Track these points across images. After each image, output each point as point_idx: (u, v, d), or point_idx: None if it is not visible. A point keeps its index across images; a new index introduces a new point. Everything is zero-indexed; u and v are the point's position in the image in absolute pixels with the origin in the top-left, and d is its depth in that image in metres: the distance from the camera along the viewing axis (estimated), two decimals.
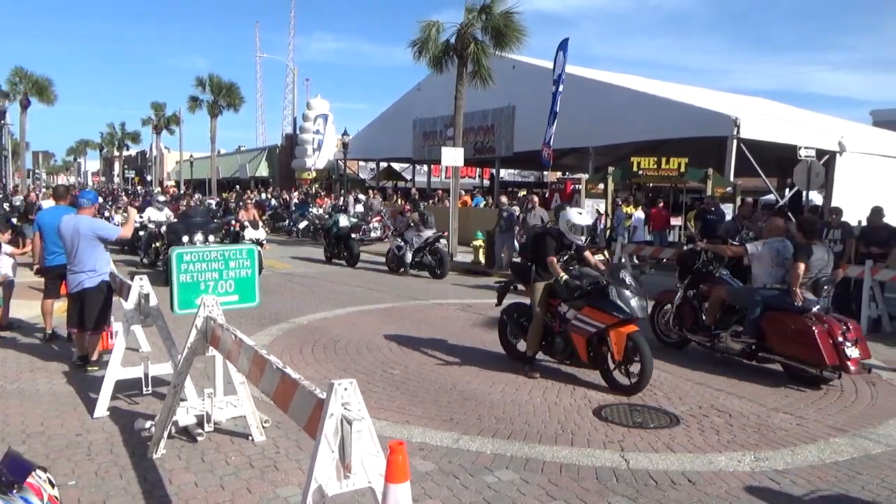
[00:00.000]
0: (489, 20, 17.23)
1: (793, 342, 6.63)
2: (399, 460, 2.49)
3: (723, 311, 7.44)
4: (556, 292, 6.64)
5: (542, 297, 6.69)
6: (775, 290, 6.97)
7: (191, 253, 5.24)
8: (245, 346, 3.74)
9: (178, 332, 5.32)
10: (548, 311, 6.73)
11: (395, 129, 31.66)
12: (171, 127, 53.27)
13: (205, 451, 4.63)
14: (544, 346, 6.81)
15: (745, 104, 25.77)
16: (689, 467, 4.51)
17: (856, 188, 18.17)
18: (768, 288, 7.05)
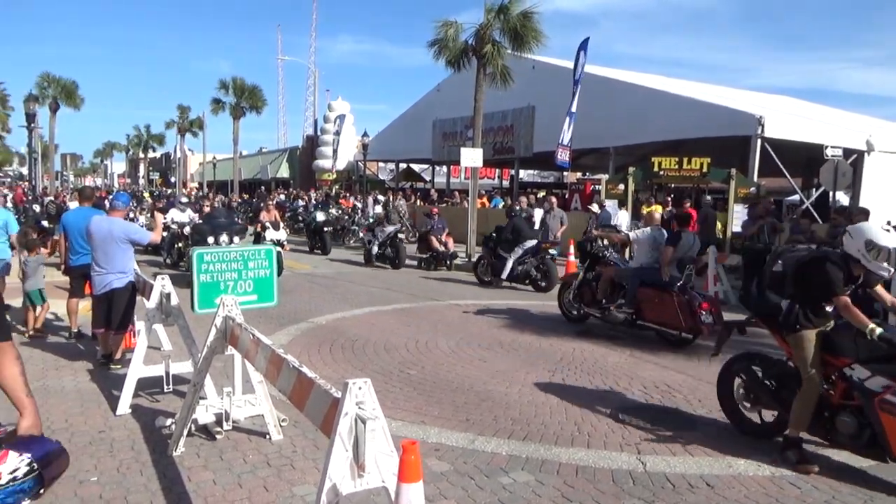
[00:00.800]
0: (507, 21, 17.20)
1: (659, 311, 8.11)
2: (412, 460, 2.49)
3: (612, 288, 8.80)
4: (833, 345, 4.72)
5: (815, 351, 4.68)
6: (650, 269, 8.34)
7: (211, 253, 5.31)
8: (262, 346, 3.78)
9: (198, 332, 5.38)
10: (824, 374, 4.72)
11: (415, 130, 31.74)
12: (194, 129, 53.94)
13: (223, 449, 4.68)
14: (816, 423, 4.70)
15: (770, 103, 25.44)
16: (707, 471, 4.46)
17: (884, 188, 17.85)
18: (645, 267, 8.43)
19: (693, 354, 7.66)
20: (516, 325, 9.17)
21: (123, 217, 6.74)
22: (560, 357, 7.42)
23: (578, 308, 9.35)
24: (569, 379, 6.57)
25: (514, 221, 13.24)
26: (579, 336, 8.51)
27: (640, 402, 5.88)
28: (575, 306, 9.43)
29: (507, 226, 13.20)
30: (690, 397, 6.06)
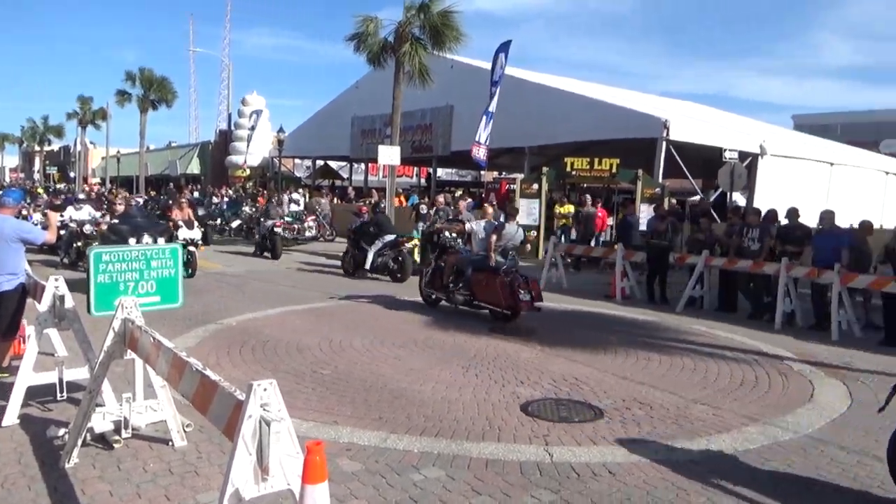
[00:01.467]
0: (427, 19, 17.27)
1: (487, 291, 9.37)
2: (316, 461, 2.47)
3: (456, 273, 9.95)
4: None
5: None
6: (481, 256, 9.64)
7: (110, 252, 5.07)
8: (164, 349, 3.65)
9: (96, 335, 5.13)
10: None
11: (333, 127, 31.35)
12: (97, 122, 51.13)
13: (122, 458, 4.48)
14: None
15: (675, 107, 26.68)
16: (610, 459, 4.65)
17: (777, 190, 19.07)
18: (479, 254, 9.75)
19: (599, 349, 7.95)
20: (431, 323, 9.23)
21: (15, 215, 6.31)
22: (474, 353, 7.53)
23: (431, 293, 10.49)
24: (482, 375, 6.67)
25: (377, 217, 14.74)
26: (492, 333, 8.66)
27: (550, 396, 6.05)
28: (428, 292, 10.55)
29: (370, 221, 14.67)
30: (597, 389, 6.29)
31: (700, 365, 7.29)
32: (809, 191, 19.97)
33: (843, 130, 37.84)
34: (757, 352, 8.05)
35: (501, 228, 9.59)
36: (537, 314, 9.21)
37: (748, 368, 7.22)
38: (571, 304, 11.34)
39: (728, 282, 11.05)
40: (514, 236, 9.80)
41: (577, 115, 20.44)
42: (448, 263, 10.16)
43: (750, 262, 10.27)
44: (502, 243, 9.57)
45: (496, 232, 9.54)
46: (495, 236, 9.49)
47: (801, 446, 4.98)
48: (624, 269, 12.06)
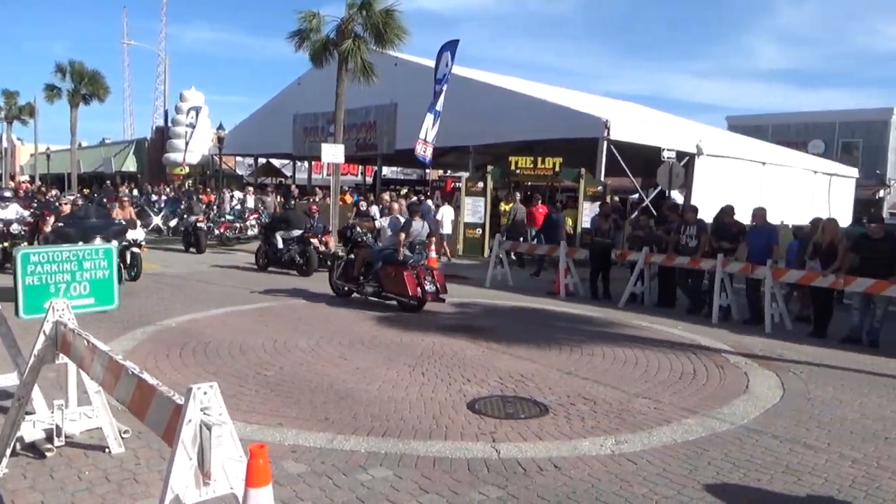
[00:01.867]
0: (370, 17, 17.17)
1: (395, 283, 9.95)
2: (259, 464, 2.43)
3: (366, 266, 10.55)
4: None
5: None
6: (391, 250, 10.19)
7: (38, 253, 4.86)
8: (99, 352, 3.52)
9: (26, 339, 4.90)
10: None
11: (275, 124, 30.84)
12: (23, 117, 48.81)
13: (55, 467, 4.29)
14: None
15: (616, 108, 27.28)
16: (555, 454, 4.72)
17: (713, 188, 19.73)
18: (387, 249, 10.33)
19: (545, 345, 8.06)
20: (377, 322, 9.18)
21: None
22: (420, 352, 7.52)
23: (343, 285, 11.05)
24: (428, 373, 6.67)
25: (286, 213, 16.00)
26: (439, 331, 8.67)
27: (496, 393, 6.09)
28: (339, 284, 11.11)
29: (280, 216, 15.68)
30: (542, 385, 6.37)
31: (641, 359, 7.48)
32: (743, 189, 20.73)
33: (774, 131, 39.36)
34: (695, 345, 8.32)
35: (408, 226, 10.28)
36: (487, 312, 9.29)
37: (687, 361, 7.45)
38: (516, 301, 11.46)
39: (667, 278, 11.38)
40: (420, 232, 10.55)
41: (521, 115, 20.67)
42: (359, 257, 10.75)
43: (688, 258, 10.59)
44: (410, 239, 10.27)
45: (403, 229, 10.23)
46: (403, 233, 10.18)
47: (736, 436, 5.17)
48: (567, 266, 12.26)
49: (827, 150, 37.06)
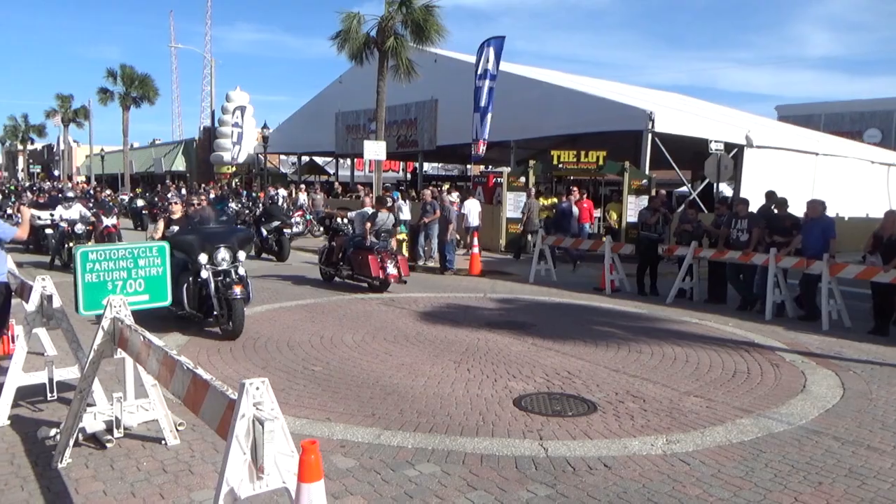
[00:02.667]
0: (410, 14, 17.21)
1: (362, 266, 11.28)
2: (311, 459, 2.45)
3: (343, 252, 11.86)
4: None
5: None
6: (360, 237, 11.58)
7: (97, 251, 5.00)
8: (154, 348, 3.60)
9: (86, 335, 5.06)
10: None
11: (318, 123, 31.17)
12: (79, 119, 50.53)
13: (114, 457, 4.42)
14: None
15: (660, 99, 26.76)
16: (605, 453, 4.65)
17: (763, 180, 19.18)
18: (358, 235, 11.72)
19: (591, 342, 7.96)
20: (421, 318, 9.20)
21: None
22: (465, 348, 7.51)
23: (326, 270, 12.27)
24: (473, 369, 6.66)
25: (269, 207, 17.84)
26: (484, 327, 8.65)
27: (543, 390, 6.04)
28: (323, 269, 12.36)
29: (263, 210, 17.47)
30: (589, 382, 6.29)
31: (692, 356, 7.32)
32: (795, 181, 20.11)
33: (827, 120, 38.10)
34: (748, 343, 8.10)
35: (374, 216, 11.61)
36: (532, 308, 9.23)
37: (740, 359, 7.26)
38: (560, 297, 11.35)
39: (717, 273, 11.11)
40: (385, 222, 11.75)
41: (562, 108, 20.43)
42: (337, 244, 12.18)
43: (739, 252, 10.32)
44: (376, 228, 11.54)
45: (370, 219, 11.58)
46: (369, 223, 11.53)
47: (795, 437, 5.01)
48: (613, 261, 12.08)
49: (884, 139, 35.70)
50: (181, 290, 7.74)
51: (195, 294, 7.95)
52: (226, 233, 8.48)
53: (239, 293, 7.63)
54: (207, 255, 7.90)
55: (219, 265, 7.96)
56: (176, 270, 7.29)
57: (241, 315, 7.68)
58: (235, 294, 7.61)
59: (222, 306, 7.75)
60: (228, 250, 8.09)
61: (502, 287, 12.43)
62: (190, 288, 7.94)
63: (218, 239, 8.13)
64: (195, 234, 8.18)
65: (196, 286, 7.92)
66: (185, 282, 7.89)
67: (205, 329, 8.09)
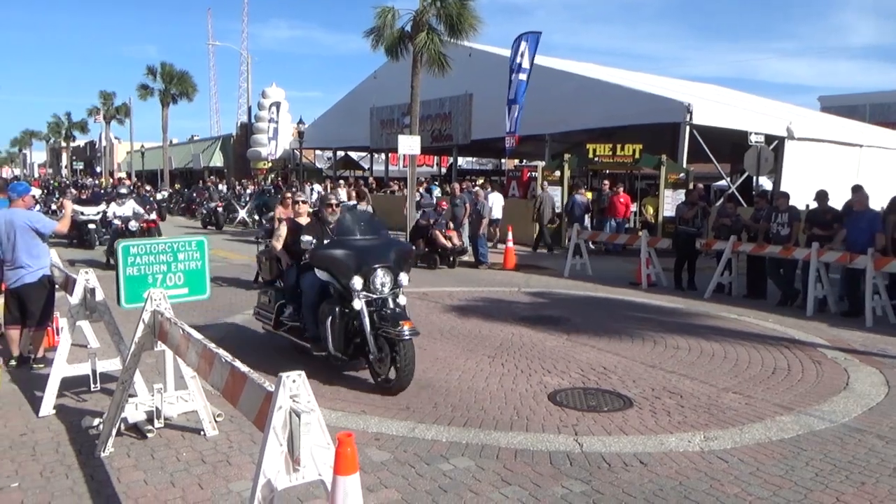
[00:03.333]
0: (444, 7, 17.14)
1: None
2: (347, 452, 2.47)
3: None
4: None
5: None
6: None
7: (137, 245, 5.13)
8: (193, 340, 3.67)
9: (128, 327, 5.18)
10: None
11: (352, 118, 31.35)
12: (120, 116, 51.74)
13: (155, 447, 4.53)
14: None
15: (698, 91, 26.25)
16: (640, 449, 4.59)
17: (804, 173, 18.71)
18: None
19: (626, 337, 7.87)
20: (455, 313, 9.20)
21: (27, 206, 6.39)
22: (499, 343, 7.49)
23: None
24: (508, 364, 6.64)
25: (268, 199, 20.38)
26: (518, 321, 8.62)
27: (578, 385, 6.00)
28: None
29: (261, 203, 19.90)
30: (625, 378, 6.22)
31: (730, 352, 7.19)
32: (838, 174, 19.55)
33: (872, 111, 36.93)
34: (788, 339, 7.92)
35: (353, 208, 12.40)
36: (566, 302, 9.18)
37: (780, 356, 7.10)
38: (596, 291, 11.24)
39: (756, 268, 10.88)
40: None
41: (598, 101, 20.18)
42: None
43: (779, 247, 10.08)
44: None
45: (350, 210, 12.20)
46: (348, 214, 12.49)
47: (837, 436, 4.88)
48: (649, 256, 11.92)
49: None
50: (324, 325, 5.97)
51: (341, 330, 5.95)
52: (383, 248, 6.22)
53: (408, 332, 5.57)
54: (363, 278, 5.83)
55: (377, 291, 5.85)
56: (311, 295, 6.25)
57: (412, 362, 5.64)
58: (403, 333, 5.54)
59: (381, 348, 5.77)
60: (388, 272, 5.97)
61: (537, 281, 12.37)
62: (336, 322, 5.91)
63: (374, 256, 6.00)
64: (347, 250, 6.04)
65: (343, 319, 5.93)
66: (329, 313, 5.96)
67: (343, 373, 6.28)
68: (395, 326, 5.57)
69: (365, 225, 6.54)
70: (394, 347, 5.63)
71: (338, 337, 5.94)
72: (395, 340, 5.60)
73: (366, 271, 5.84)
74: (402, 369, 5.59)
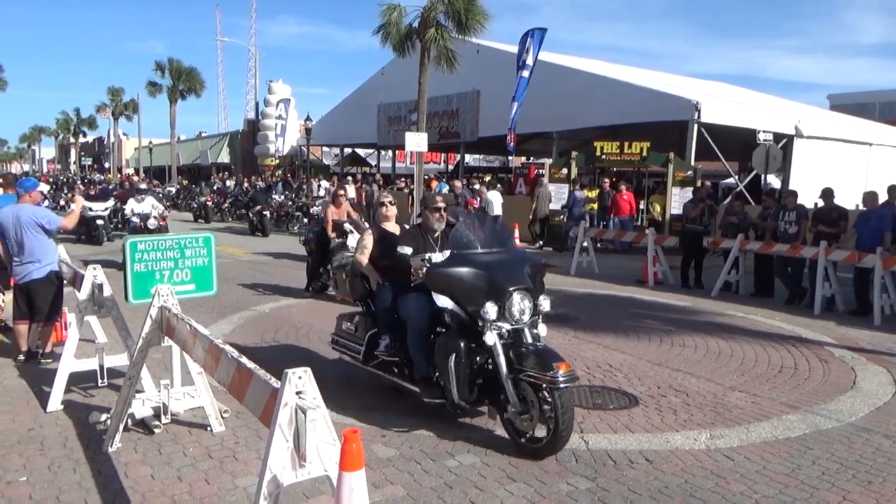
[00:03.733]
0: (452, 3, 17.14)
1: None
2: (353, 448, 2.47)
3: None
4: None
5: None
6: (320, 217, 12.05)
7: (145, 241, 5.15)
8: (200, 336, 3.69)
9: (135, 323, 5.21)
10: None
11: (360, 115, 31.36)
12: (128, 113, 51.96)
13: (162, 443, 4.56)
14: None
15: (706, 89, 26.13)
16: (646, 447, 4.59)
17: (813, 171, 18.61)
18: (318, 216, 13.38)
19: (633, 334, 7.85)
20: None
21: (35, 202, 6.42)
22: None
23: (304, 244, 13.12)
24: None
25: (251, 193, 23.06)
26: None
27: (584, 383, 5.99)
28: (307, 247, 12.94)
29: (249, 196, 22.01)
30: (631, 376, 6.22)
31: (737, 351, 7.17)
32: (847, 172, 19.45)
33: (882, 109, 36.66)
34: (796, 337, 7.89)
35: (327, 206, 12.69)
36: (573, 300, 9.19)
37: (787, 354, 7.08)
38: (602, 289, 11.23)
39: (764, 266, 10.83)
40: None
41: (605, 99, 20.12)
42: (310, 226, 14.29)
43: (787, 245, 10.04)
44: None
45: (325, 208, 12.40)
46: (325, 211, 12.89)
47: (844, 435, 4.86)
48: (656, 253, 11.88)
49: None
50: (443, 364, 4.59)
51: (465, 371, 4.52)
52: (516, 264, 4.81)
53: (564, 377, 4.16)
54: (497, 304, 4.45)
55: (514, 321, 4.48)
56: (421, 323, 4.88)
57: (570, 417, 4.26)
58: (558, 379, 4.14)
59: (525, 397, 4.35)
60: (527, 296, 4.54)
61: None
62: (461, 361, 4.50)
63: (509, 275, 4.60)
64: (476, 268, 4.62)
65: (469, 359, 4.54)
66: (451, 348, 4.57)
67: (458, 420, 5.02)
68: (545, 369, 4.20)
69: (488, 234, 5.01)
70: (540, 395, 4.27)
71: (463, 381, 4.52)
72: (539, 387, 4.24)
73: (500, 295, 4.46)
74: (557, 428, 4.18)
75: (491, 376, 4.52)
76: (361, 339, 5.53)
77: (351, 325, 5.82)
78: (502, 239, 5.12)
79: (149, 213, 13.09)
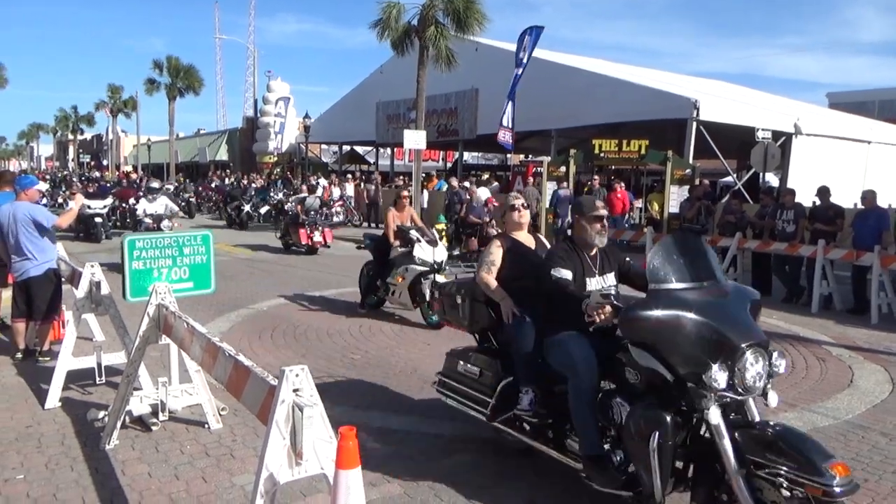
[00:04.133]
0: (451, 2, 17.11)
1: (296, 235, 15.09)
2: (350, 446, 2.47)
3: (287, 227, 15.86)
4: None
5: None
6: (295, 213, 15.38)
7: (143, 239, 5.14)
8: (197, 334, 3.69)
9: (132, 321, 5.21)
10: None
11: (358, 112, 31.33)
12: (127, 110, 51.86)
13: (159, 440, 4.56)
14: None
15: (705, 87, 26.13)
16: None
17: (811, 170, 18.61)
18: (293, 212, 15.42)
19: None
20: None
21: (33, 200, 6.40)
22: None
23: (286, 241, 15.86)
24: None
25: (230, 191, 24.11)
26: None
27: None
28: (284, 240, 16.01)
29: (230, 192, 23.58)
30: None
31: None
32: (846, 170, 19.46)
33: (881, 108, 36.70)
34: (793, 336, 7.90)
35: (303, 199, 15.47)
36: None
37: (784, 353, 7.06)
38: None
39: (761, 264, 10.85)
40: (312, 204, 15.61)
41: (604, 97, 20.10)
42: (284, 221, 16.15)
43: (785, 244, 10.05)
44: (305, 207, 15.40)
45: (300, 201, 15.51)
46: (300, 205, 15.56)
47: (840, 432, 4.88)
48: None
49: None
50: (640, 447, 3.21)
51: (670, 456, 3.17)
52: (739, 307, 3.38)
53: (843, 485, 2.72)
54: (726, 367, 3.10)
55: (744, 388, 3.12)
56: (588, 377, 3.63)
57: None
58: (833, 487, 2.70)
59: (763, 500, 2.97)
60: (762, 354, 3.20)
61: None
62: (667, 445, 3.13)
63: (735, 323, 3.24)
64: (696, 314, 3.17)
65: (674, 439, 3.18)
66: (652, 424, 3.20)
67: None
68: (814, 472, 2.75)
69: (691, 261, 3.44)
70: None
71: (667, 470, 3.17)
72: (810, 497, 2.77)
73: (730, 354, 3.09)
74: None
75: (696, 459, 3.27)
76: (491, 387, 4.25)
77: (473, 368, 4.44)
78: (709, 267, 3.47)
79: (162, 213, 12.45)
